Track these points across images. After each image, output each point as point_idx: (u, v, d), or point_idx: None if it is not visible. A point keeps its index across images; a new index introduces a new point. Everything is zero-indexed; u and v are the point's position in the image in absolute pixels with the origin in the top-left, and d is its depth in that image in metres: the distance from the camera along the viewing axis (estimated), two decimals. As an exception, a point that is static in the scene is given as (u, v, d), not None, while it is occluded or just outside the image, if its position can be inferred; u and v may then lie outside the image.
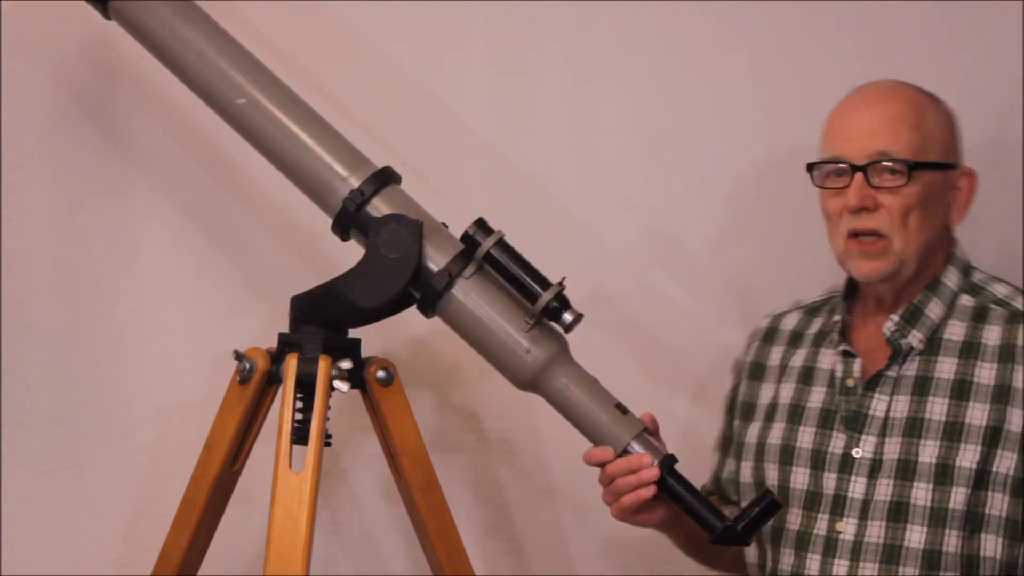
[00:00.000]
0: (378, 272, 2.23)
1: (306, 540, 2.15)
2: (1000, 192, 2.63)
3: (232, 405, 2.28)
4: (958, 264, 2.27)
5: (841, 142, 2.21)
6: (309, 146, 2.28)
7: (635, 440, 2.20)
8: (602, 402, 2.24)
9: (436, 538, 2.35)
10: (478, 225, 2.23)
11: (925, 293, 2.23)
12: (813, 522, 2.23)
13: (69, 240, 2.66)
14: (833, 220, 2.23)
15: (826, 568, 2.19)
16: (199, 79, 2.32)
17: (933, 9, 2.65)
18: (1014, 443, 2.13)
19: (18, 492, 2.62)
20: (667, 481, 2.18)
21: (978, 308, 2.23)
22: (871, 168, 2.18)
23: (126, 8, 2.34)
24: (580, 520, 2.69)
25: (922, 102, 2.23)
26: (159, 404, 2.68)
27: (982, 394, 2.16)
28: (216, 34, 2.33)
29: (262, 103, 2.29)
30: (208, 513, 2.32)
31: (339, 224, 2.27)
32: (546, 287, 2.21)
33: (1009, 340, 2.18)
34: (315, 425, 2.20)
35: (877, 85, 2.26)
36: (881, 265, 2.20)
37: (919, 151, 2.19)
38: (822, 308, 2.38)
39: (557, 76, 2.72)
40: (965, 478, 2.13)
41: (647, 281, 2.70)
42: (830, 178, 2.23)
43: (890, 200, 2.18)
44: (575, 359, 2.27)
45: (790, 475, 2.26)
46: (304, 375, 2.22)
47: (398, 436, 2.34)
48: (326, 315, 2.27)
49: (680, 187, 2.69)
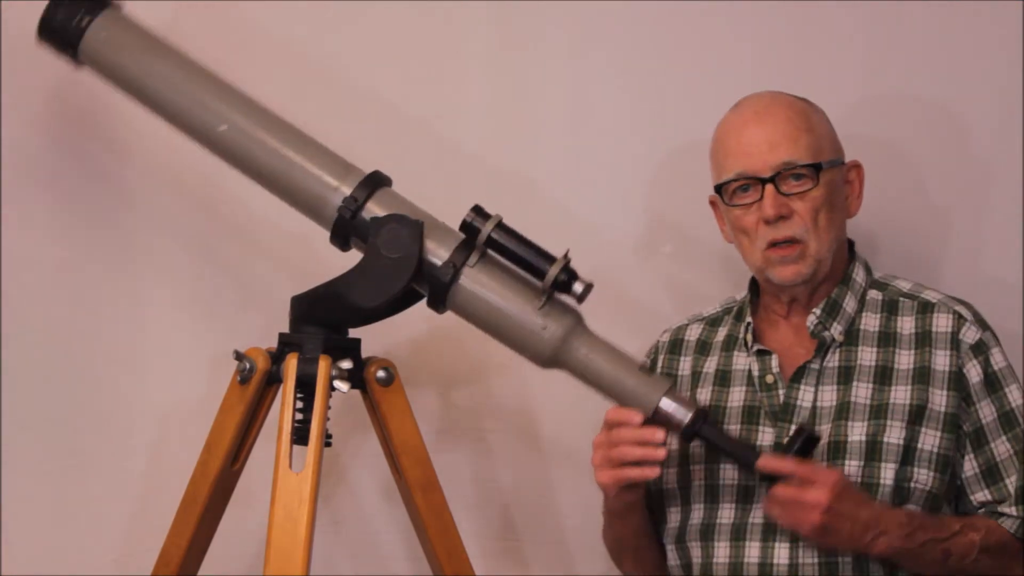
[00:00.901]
0: (378, 272, 2.23)
1: (306, 540, 2.15)
2: (1000, 192, 2.64)
3: (232, 405, 2.28)
4: (862, 261, 2.39)
5: (743, 158, 2.28)
6: (296, 161, 2.28)
7: (665, 397, 2.22)
8: (626, 366, 2.24)
9: (436, 538, 2.35)
10: (476, 212, 2.23)
11: (840, 287, 2.34)
12: (748, 512, 2.28)
13: (69, 241, 2.66)
14: (750, 234, 2.30)
15: (767, 553, 2.25)
16: (179, 112, 2.32)
17: (933, 9, 2.65)
18: (936, 421, 2.25)
19: (18, 492, 2.62)
20: (703, 431, 2.20)
21: (887, 301, 2.34)
22: (779, 178, 2.26)
23: (98, 52, 2.33)
24: (580, 520, 2.69)
25: (803, 107, 2.32)
26: (159, 404, 2.68)
27: (903, 378, 2.28)
28: (187, 65, 2.33)
29: (243, 126, 2.29)
30: (208, 513, 2.31)
31: (337, 234, 2.27)
32: (551, 262, 2.21)
33: (924, 328, 2.30)
34: (315, 425, 2.20)
35: (758, 99, 2.33)
36: (802, 268, 2.28)
37: (817, 152, 2.28)
38: (722, 319, 2.46)
39: (556, 76, 2.72)
40: (893, 453, 2.24)
41: (648, 281, 2.70)
42: (737, 195, 2.30)
43: (800, 205, 2.27)
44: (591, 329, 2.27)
45: (718, 472, 2.31)
46: (304, 375, 2.22)
47: (398, 436, 2.34)
48: (326, 315, 2.27)
49: (680, 186, 2.70)
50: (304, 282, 2.29)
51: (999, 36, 2.62)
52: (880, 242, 2.62)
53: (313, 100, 2.68)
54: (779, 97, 2.32)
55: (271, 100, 2.58)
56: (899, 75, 2.67)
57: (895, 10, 2.65)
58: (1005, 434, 2.26)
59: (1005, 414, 2.27)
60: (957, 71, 2.64)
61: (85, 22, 2.31)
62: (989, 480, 2.26)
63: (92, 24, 2.31)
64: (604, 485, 2.23)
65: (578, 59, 2.73)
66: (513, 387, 2.71)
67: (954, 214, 2.66)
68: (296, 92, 2.68)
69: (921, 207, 2.67)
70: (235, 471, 2.34)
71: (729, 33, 2.70)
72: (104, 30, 2.32)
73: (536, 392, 2.71)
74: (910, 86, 2.66)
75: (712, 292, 2.66)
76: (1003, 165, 2.63)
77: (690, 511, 2.33)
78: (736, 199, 2.30)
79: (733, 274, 2.65)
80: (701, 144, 2.66)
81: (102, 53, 2.33)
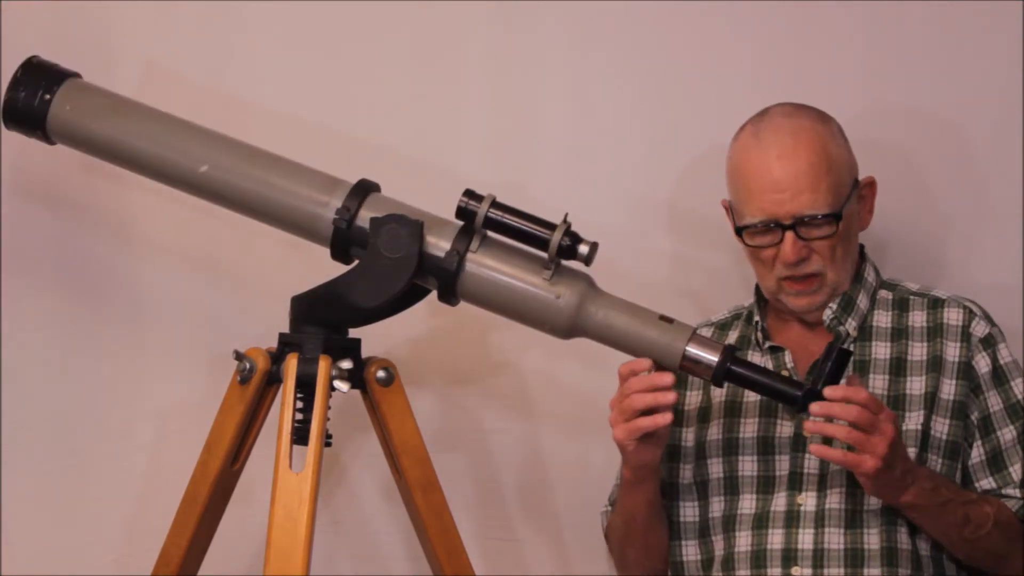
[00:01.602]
0: (379, 272, 2.23)
1: (306, 540, 2.15)
2: (1000, 192, 2.64)
3: (232, 405, 2.28)
4: (871, 262, 2.43)
5: (766, 206, 2.29)
6: (282, 186, 2.28)
7: (690, 344, 2.21)
8: (645, 319, 2.24)
9: (436, 538, 2.35)
10: (468, 195, 2.23)
11: (854, 285, 2.37)
12: (770, 502, 2.30)
13: (69, 239, 2.66)
14: (767, 264, 2.32)
15: (791, 539, 2.27)
16: (158, 164, 2.31)
17: (933, 9, 2.65)
18: (945, 409, 2.31)
19: (18, 492, 2.62)
20: (733, 371, 2.20)
21: (898, 299, 2.40)
22: (800, 225, 2.28)
23: (66, 125, 2.32)
24: (580, 520, 2.69)
25: (823, 133, 2.32)
26: (159, 404, 2.68)
27: (917, 368, 2.33)
28: (154, 115, 2.33)
29: (223, 162, 2.29)
30: (208, 513, 2.31)
31: (337, 247, 2.27)
32: (553, 229, 2.21)
33: (935, 321, 2.35)
34: (315, 425, 2.20)
35: (781, 136, 2.31)
36: (817, 298, 2.34)
37: (838, 194, 2.30)
38: (731, 324, 2.48)
39: (556, 76, 2.72)
40: (913, 440, 2.29)
41: (647, 282, 2.70)
42: (757, 236, 2.31)
43: (820, 245, 2.30)
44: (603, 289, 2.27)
45: (737, 464, 2.34)
46: (304, 375, 2.22)
47: (398, 436, 2.33)
48: (327, 315, 2.27)
49: (681, 186, 2.69)
50: (304, 282, 2.29)
51: (1000, 41, 2.62)
52: (886, 248, 2.62)
53: (313, 100, 2.69)
54: (801, 134, 2.31)
55: (269, 103, 2.60)
56: (900, 75, 2.67)
57: (895, 10, 2.65)
58: (1012, 423, 2.31)
59: (1012, 405, 2.32)
60: (957, 71, 2.64)
61: (47, 98, 2.31)
62: (993, 468, 2.30)
63: (55, 99, 2.31)
64: (620, 440, 2.22)
65: (578, 59, 2.72)
66: (513, 387, 2.71)
67: (956, 219, 2.66)
68: (296, 92, 2.68)
69: (925, 212, 2.67)
70: (235, 471, 2.34)
71: (730, 33, 2.70)
72: (68, 102, 2.31)
73: (536, 392, 2.71)
74: (911, 93, 2.66)
75: (712, 292, 2.66)
76: (1003, 165, 2.63)
77: (708, 504, 2.35)
78: (756, 239, 2.31)
79: (734, 274, 2.66)
80: (702, 144, 2.67)
81: (70, 124, 2.32)
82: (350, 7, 2.70)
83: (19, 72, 2.32)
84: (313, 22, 2.70)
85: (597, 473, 2.63)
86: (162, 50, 2.68)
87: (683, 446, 2.39)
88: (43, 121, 2.32)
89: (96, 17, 2.66)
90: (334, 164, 2.33)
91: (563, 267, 2.24)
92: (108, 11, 2.66)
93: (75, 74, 2.36)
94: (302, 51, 2.71)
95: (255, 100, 2.67)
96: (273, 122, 2.62)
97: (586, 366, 2.60)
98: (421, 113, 2.72)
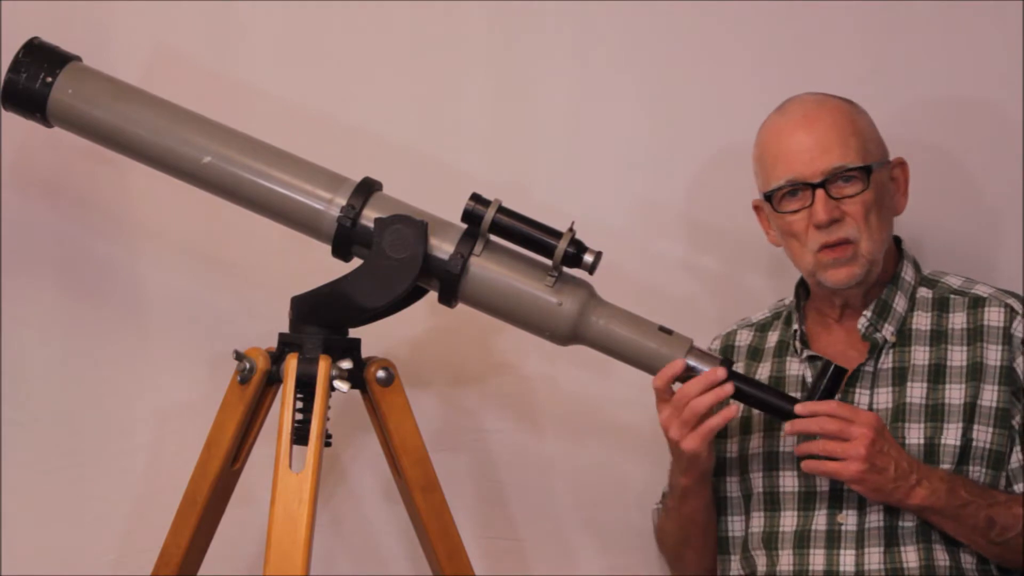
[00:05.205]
0: (383, 273, 2.23)
1: (306, 540, 2.15)
2: (1000, 191, 2.64)
3: (232, 405, 2.28)
4: (910, 259, 2.38)
5: (793, 165, 2.28)
6: (285, 180, 2.28)
7: (688, 356, 2.22)
8: (645, 330, 2.25)
9: (436, 538, 2.35)
10: (475, 199, 2.23)
11: (890, 288, 2.34)
12: (811, 519, 2.27)
13: (69, 238, 2.66)
14: (800, 238, 2.29)
15: (832, 560, 2.25)
16: (159, 153, 2.30)
17: (933, 9, 2.65)
18: (987, 416, 2.25)
19: (18, 492, 2.62)
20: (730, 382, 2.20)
21: (938, 299, 2.34)
22: (829, 182, 2.25)
23: (67, 109, 2.29)
24: (580, 520, 2.69)
25: (848, 108, 2.32)
26: (159, 404, 2.68)
27: (956, 375, 2.28)
28: (158, 104, 2.31)
29: (226, 154, 2.28)
30: (208, 513, 2.31)
31: (340, 245, 2.27)
32: (558, 237, 2.21)
33: (975, 323, 2.30)
34: (315, 425, 2.20)
35: (802, 103, 2.32)
36: (855, 269, 2.28)
37: (866, 154, 2.28)
38: (771, 324, 2.45)
39: (556, 76, 2.72)
40: (950, 455, 2.24)
41: (647, 282, 2.70)
42: (786, 201, 2.29)
43: (852, 207, 2.26)
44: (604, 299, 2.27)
45: (778, 479, 2.32)
46: (304, 375, 2.22)
47: (398, 436, 2.33)
48: (329, 315, 2.27)
49: (682, 186, 2.70)
50: (304, 282, 2.29)
51: (999, 36, 2.62)
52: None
53: (312, 101, 2.69)
54: (825, 100, 2.31)
55: (267, 104, 2.60)
56: (900, 75, 2.67)
57: (895, 10, 2.65)
58: None
59: None
60: (957, 71, 2.64)
61: (49, 81, 2.28)
62: None
63: (56, 82, 2.28)
64: (694, 449, 2.20)
65: (578, 59, 2.72)
66: (513, 387, 2.71)
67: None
68: (295, 93, 2.68)
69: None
70: (235, 471, 2.34)
71: (730, 34, 2.70)
72: (70, 86, 2.28)
73: (536, 392, 2.71)
74: (913, 92, 2.66)
75: (712, 291, 2.66)
76: (1003, 165, 2.63)
77: (750, 519, 2.34)
78: (785, 205, 2.29)
79: (734, 274, 2.66)
80: (702, 144, 2.67)
81: (71, 109, 2.29)
82: (356, 5, 2.70)
83: (21, 53, 2.28)
84: (318, 19, 2.70)
85: (597, 473, 2.63)
86: (166, 40, 2.67)
87: (728, 458, 2.38)
88: (43, 104, 2.29)
89: (100, 3, 2.65)
90: (335, 160, 2.33)
91: (565, 274, 2.25)
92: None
93: (77, 58, 2.33)
94: (304, 48, 2.71)
95: (258, 93, 2.67)
96: (273, 118, 2.62)
97: (586, 366, 2.60)
98: (424, 111, 2.72)
